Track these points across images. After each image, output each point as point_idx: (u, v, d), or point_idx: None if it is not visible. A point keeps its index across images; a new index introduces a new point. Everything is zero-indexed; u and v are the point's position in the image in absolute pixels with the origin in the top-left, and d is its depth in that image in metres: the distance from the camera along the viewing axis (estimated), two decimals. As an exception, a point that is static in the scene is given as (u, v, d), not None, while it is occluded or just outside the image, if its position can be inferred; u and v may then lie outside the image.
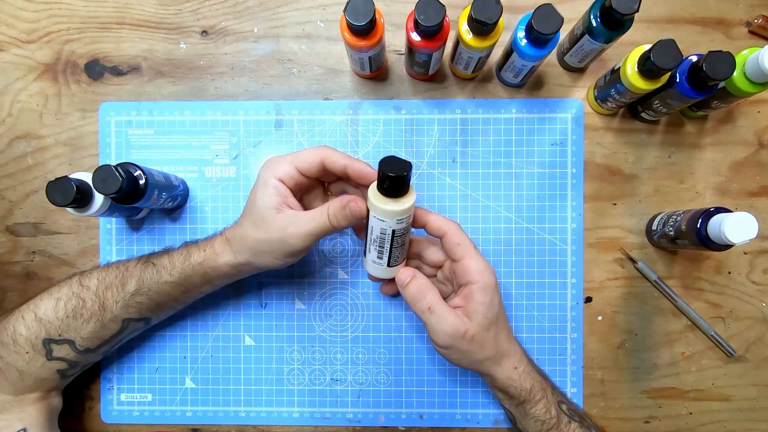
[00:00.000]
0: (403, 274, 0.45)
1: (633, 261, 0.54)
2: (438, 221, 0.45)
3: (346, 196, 0.43)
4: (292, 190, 0.44)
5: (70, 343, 0.46)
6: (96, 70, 0.56)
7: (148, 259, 0.47)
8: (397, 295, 0.53)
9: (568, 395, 0.54)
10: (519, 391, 0.46)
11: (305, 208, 0.47)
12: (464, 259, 0.44)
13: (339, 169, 0.44)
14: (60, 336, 0.46)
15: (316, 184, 0.48)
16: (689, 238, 0.47)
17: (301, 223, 0.42)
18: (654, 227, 0.52)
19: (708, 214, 0.46)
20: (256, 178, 0.45)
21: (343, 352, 0.55)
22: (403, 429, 0.55)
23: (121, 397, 0.55)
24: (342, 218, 0.42)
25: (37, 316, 0.46)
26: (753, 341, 0.54)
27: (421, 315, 0.45)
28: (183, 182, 0.54)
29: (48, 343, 0.46)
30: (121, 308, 0.46)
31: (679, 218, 0.49)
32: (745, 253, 0.54)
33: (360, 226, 0.48)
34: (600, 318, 0.55)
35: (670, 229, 0.50)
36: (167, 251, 0.48)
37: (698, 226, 0.46)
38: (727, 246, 0.45)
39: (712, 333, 0.53)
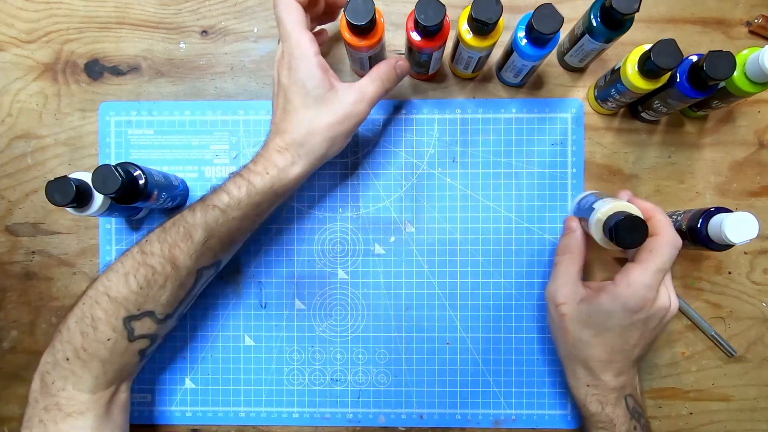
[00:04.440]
0: (569, 226, 0.48)
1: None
2: (659, 220, 0.43)
3: (391, 58, 0.46)
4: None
5: (150, 314, 0.44)
6: (96, 69, 0.55)
7: (204, 203, 0.44)
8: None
9: (567, 396, 0.54)
10: (581, 407, 0.46)
11: None
12: (636, 264, 0.42)
13: None
14: (139, 310, 0.43)
15: None
16: (689, 238, 0.47)
17: (364, 92, 0.43)
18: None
19: (708, 214, 0.46)
20: (281, 52, 0.44)
21: (343, 352, 0.55)
22: (403, 429, 0.55)
23: (121, 397, 0.55)
24: (394, 78, 0.46)
25: (112, 297, 0.43)
26: (753, 341, 0.54)
27: (554, 264, 0.48)
28: (183, 182, 0.54)
29: (128, 321, 0.43)
30: (195, 260, 0.43)
31: (679, 218, 0.49)
32: (745, 253, 0.54)
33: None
34: (600, 318, 0.55)
35: None
36: (223, 188, 0.44)
37: (698, 226, 0.46)
38: (728, 246, 0.45)
39: (713, 333, 0.53)
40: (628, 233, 0.39)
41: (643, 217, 0.40)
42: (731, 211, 0.44)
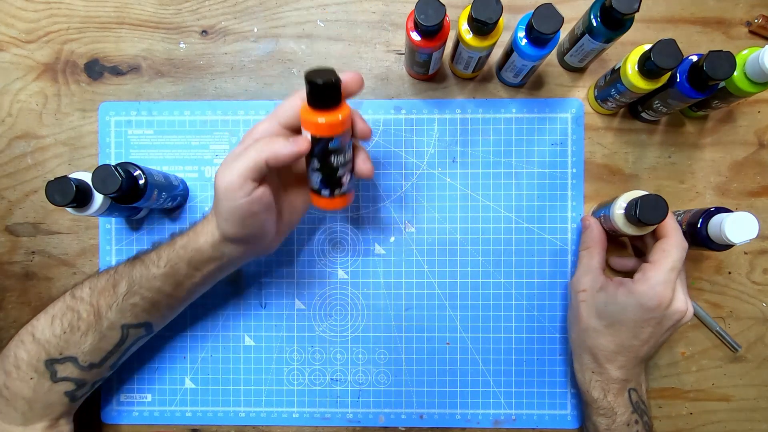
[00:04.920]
0: (586, 223, 0.50)
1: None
2: (669, 226, 0.45)
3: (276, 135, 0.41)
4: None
5: (73, 360, 0.44)
6: (96, 69, 0.55)
7: (136, 256, 0.45)
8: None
9: (568, 396, 0.54)
10: (584, 392, 0.47)
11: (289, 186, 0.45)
12: (652, 264, 0.44)
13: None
14: (61, 354, 0.44)
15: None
16: (690, 239, 0.47)
17: (224, 165, 0.39)
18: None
19: (708, 214, 0.46)
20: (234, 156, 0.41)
21: (343, 352, 0.55)
22: (403, 429, 0.55)
23: (121, 397, 0.55)
24: (275, 144, 0.39)
25: (35, 338, 0.44)
26: (753, 341, 0.54)
27: (578, 258, 0.51)
28: (183, 182, 0.54)
29: (50, 363, 0.44)
30: (116, 313, 0.44)
31: (679, 218, 0.49)
32: (746, 253, 0.54)
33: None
34: (600, 318, 0.55)
35: None
36: (155, 245, 0.46)
37: (698, 226, 0.46)
38: (728, 246, 0.45)
39: (718, 329, 0.53)
40: (651, 210, 0.43)
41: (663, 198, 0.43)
42: (731, 211, 0.44)
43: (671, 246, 0.44)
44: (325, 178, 0.42)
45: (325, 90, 0.37)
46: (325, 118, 0.38)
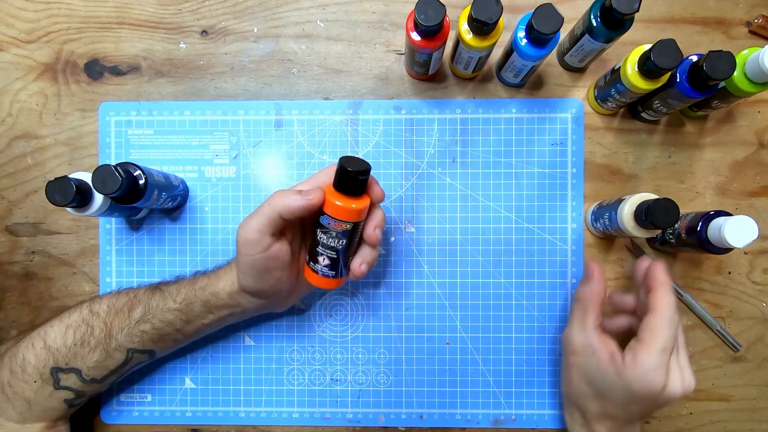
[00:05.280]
0: (591, 270, 0.46)
1: (638, 255, 0.53)
2: (660, 297, 0.42)
3: (293, 188, 0.43)
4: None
5: (77, 372, 0.46)
6: (96, 69, 0.55)
7: (158, 285, 0.47)
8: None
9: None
10: None
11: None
12: (639, 345, 0.41)
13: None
14: (67, 365, 0.45)
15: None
16: (690, 243, 0.47)
17: (245, 220, 0.42)
18: (655, 235, 0.52)
19: (708, 217, 0.46)
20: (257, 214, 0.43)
21: (343, 352, 0.55)
22: (403, 429, 0.55)
23: (121, 397, 0.55)
24: (287, 197, 0.40)
25: (46, 344, 0.45)
26: (753, 341, 0.54)
27: (572, 308, 0.48)
28: (183, 182, 0.54)
29: (55, 372, 0.45)
30: (126, 337, 0.46)
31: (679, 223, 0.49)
32: (746, 253, 0.54)
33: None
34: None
35: (670, 236, 0.50)
36: (177, 278, 0.47)
37: (698, 229, 0.46)
38: (728, 249, 0.45)
39: (718, 328, 0.53)
40: (662, 214, 0.42)
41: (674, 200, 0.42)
42: (731, 215, 0.44)
43: (661, 324, 0.40)
44: (319, 253, 0.43)
45: (352, 179, 0.39)
46: (343, 203, 0.40)
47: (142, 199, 0.46)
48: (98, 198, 0.46)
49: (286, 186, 0.55)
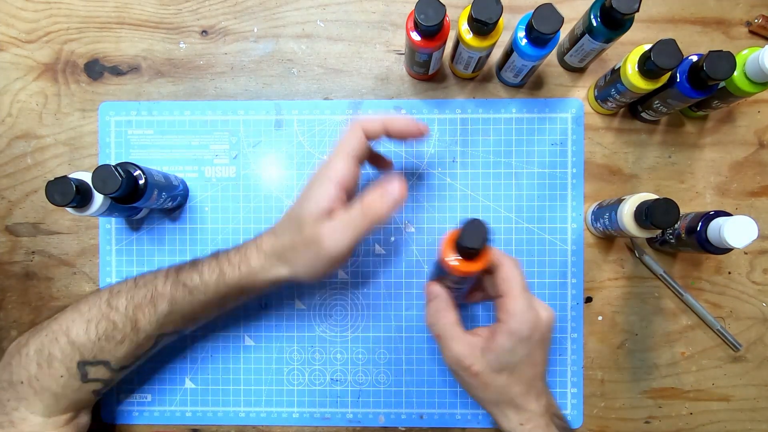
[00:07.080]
0: (431, 291, 0.46)
1: (639, 253, 0.54)
2: (495, 255, 0.43)
3: (377, 188, 0.41)
4: (347, 187, 0.42)
5: (105, 363, 0.45)
6: (96, 69, 0.55)
7: (177, 276, 0.45)
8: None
9: (568, 396, 0.54)
10: None
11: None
12: (505, 297, 0.42)
13: (378, 130, 0.42)
14: (94, 358, 0.45)
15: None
16: (690, 243, 0.47)
17: (338, 231, 0.41)
18: (655, 235, 0.52)
19: (707, 218, 0.46)
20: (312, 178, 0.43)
21: (343, 352, 0.55)
22: (403, 429, 0.55)
23: (121, 397, 0.55)
24: (376, 206, 0.41)
25: (70, 339, 0.44)
26: (753, 341, 0.54)
27: (434, 338, 0.45)
28: (183, 182, 0.54)
29: (83, 365, 0.45)
30: (155, 328, 0.45)
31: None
32: (746, 253, 0.54)
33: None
34: (600, 318, 0.55)
35: (670, 236, 0.50)
36: (196, 267, 0.45)
37: (698, 230, 0.46)
38: (728, 250, 0.45)
39: (719, 327, 0.53)
40: (662, 214, 0.43)
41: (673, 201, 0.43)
42: (730, 215, 0.44)
43: (509, 270, 0.43)
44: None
45: (472, 251, 0.39)
46: (461, 263, 0.40)
47: (142, 199, 0.46)
48: (98, 198, 0.46)
49: (286, 186, 0.55)
